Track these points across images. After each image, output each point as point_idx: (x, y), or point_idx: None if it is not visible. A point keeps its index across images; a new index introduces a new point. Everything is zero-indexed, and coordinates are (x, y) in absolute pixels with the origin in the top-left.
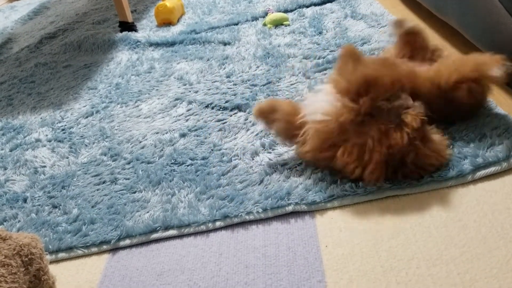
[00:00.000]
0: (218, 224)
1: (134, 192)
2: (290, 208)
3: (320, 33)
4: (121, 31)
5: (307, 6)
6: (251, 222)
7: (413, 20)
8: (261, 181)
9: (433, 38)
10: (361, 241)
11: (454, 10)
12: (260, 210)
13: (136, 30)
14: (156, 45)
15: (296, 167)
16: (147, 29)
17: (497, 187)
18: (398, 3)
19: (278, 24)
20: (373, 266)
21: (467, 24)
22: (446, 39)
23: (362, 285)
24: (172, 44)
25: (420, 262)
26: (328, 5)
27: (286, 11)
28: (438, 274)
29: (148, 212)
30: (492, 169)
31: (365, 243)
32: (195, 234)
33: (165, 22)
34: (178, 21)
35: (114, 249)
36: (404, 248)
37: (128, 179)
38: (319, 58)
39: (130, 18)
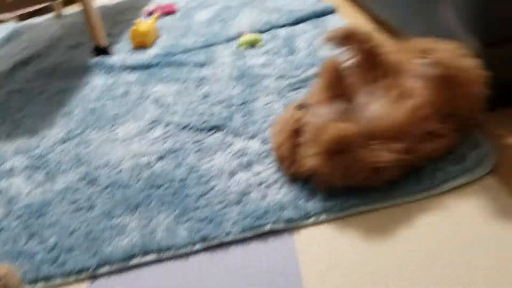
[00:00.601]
0: (197, 246)
1: (112, 218)
2: (268, 227)
3: (294, 53)
4: (96, 55)
5: (280, 27)
6: (230, 243)
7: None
8: (239, 201)
9: None
10: (340, 258)
11: (418, 29)
12: (239, 230)
13: (111, 54)
14: (132, 68)
15: (273, 185)
16: (122, 53)
17: (465, 198)
18: (366, 22)
19: (252, 45)
20: (352, 280)
21: None
22: None
23: None
24: (147, 67)
25: (396, 276)
26: (301, 25)
27: (260, 32)
28: (415, 283)
29: (126, 237)
30: (460, 181)
31: (343, 258)
32: (174, 257)
33: (141, 45)
34: (153, 44)
35: (93, 277)
36: (381, 261)
37: (106, 204)
38: (293, 78)
39: (104, 42)
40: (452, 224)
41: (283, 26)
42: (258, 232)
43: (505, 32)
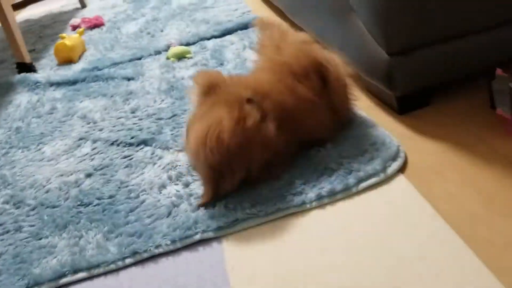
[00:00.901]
0: (128, 261)
1: (40, 239)
2: (197, 237)
3: (222, 64)
4: (19, 73)
5: (208, 39)
6: (160, 255)
7: None
8: (169, 214)
9: None
10: (264, 260)
11: (334, 38)
12: (169, 242)
13: (35, 71)
14: (57, 84)
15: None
16: (47, 69)
17: (378, 196)
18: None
19: (181, 57)
20: (275, 283)
21: (345, 51)
22: None
23: None
24: (74, 82)
25: (315, 273)
26: (228, 37)
27: (188, 44)
28: (331, 281)
29: (55, 257)
30: (372, 181)
31: (267, 262)
32: (105, 274)
33: (66, 61)
34: (79, 58)
35: None
36: (301, 262)
37: (33, 225)
38: None
39: (28, 59)
40: (366, 223)
41: (211, 38)
42: (188, 243)
43: (405, 42)
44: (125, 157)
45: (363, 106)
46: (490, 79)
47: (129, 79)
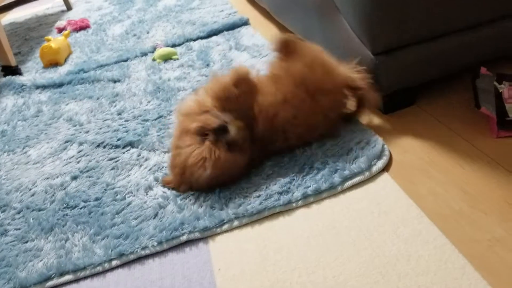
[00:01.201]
0: (114, 263)
1: (26, 242)
2: (184, 238)
3: (208, 65)
4: (4, 76)
5: (194, 40)
6: (147, 256)
7: None
8: (156, 215)
9: None
10: (250, 260)
11: (320, 38)
12: (155, 243)
13: (20, 74)
14: (43, 87)
15: (189, 196)
16: (32, 72)
17: (363, 194)
18: (277, 32)
19: (167, 58)
20: (261, 282)
21: (331, 50)
22: None
23: None
24: (60, 85)
25: (301, 271)
26: (214, 38)
27: (174, 46)
28: (317, 279)
29: (41, 260)
30: (357, 179)
31: (254, 261)
32: (91, 276)
33: (52, 63)
34: (65, 61)
35: None
36: (287, 260)
37: (19, 229)
38: None
39: (13, 61)
40: (351, 221)
41: (197, 39)
42: (174, 244)
43: (390, 42)
44: (111, 159)
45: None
46: (474, 77)
47: (115, 81)
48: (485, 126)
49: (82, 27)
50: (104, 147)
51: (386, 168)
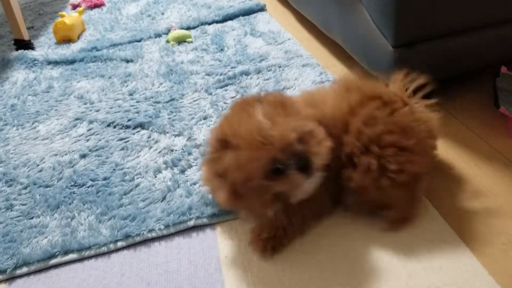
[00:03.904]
0: (119, 244)
1: (31, 218)
2: (191, 223)
3: (222, 50)
4: (16, 49)
5: (209, 24)
6: (153, 239)
7: (304, 36)
8: (164, 198)
9: (323, 53)
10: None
11: (338, 29)
12: (162, 227)
13: (33, 48)
14: (55, 63)
15: (198, 182)
16: (45, 47)
17: None
18: (293, 21)
19: (181, 41)
20: (269, 273)
21: (349, 42)
22: (333, 53)
23: None
24: (72, 62)
25: (310, 258)
26: (229, 22)
27: (188, 28)
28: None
29: (46, 237)
30: None
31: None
32: (96, 256)
33: (65, 39)
34: (78, 38)
35: (11, 279)
36: (296, 253)
37: (25, 204)
38: (220, 75)
39: (26, 36)
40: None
41: (212, 22)
42: (181, 228)
43: (412, 35)
44: (121, 139)
45: None
46: (494, 76)
47: (127, 61)
48: (504, 126)
49: (97, 4)
50: (114, 127)
51: None
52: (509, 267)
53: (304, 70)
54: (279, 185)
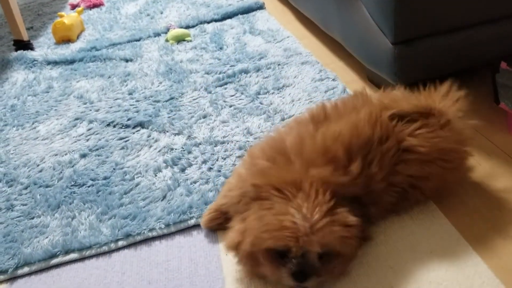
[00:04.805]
0: (120, 243)
1: (32, 218)
2: (192, 222)
3: (221, 48)
4: (16, 50)
5: (208, 22)
6: (154, 238)
7: (303, 34)
8: (164, 197)
9: (322, 50)
10: None
11: (337, 27)
12: (163, 225)
13: (32, 48)
14: (54, 63)
15: (198, 181)
16: (44, 47)
17: None
18: (292, 19)
19: (180, 40)
20: None
21: (348, 39)
22: (332, 50)
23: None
24: (71, 62)
25: None
26: (228, 21)
27: (187, 27)
28: None
29: (47, 237)
30: None
31: None
32: (97, 255)
33: (64, 39)
34: (77, 38)
35: (12, 279)
36: None
37: (25, 204)
38: (220, 73)
39: (25, 36)
40: None
41: (211, 21)
42: (182, 227)
43: (411, 32)
44: (121, 138)
45: None
46: (494, 72)
47: (127, 61)
48: (504, 122)
49: (96, 4)
50: (114, 126)
51: None
52: (509, 261)
53: (304, 67)
54: (267, 268)
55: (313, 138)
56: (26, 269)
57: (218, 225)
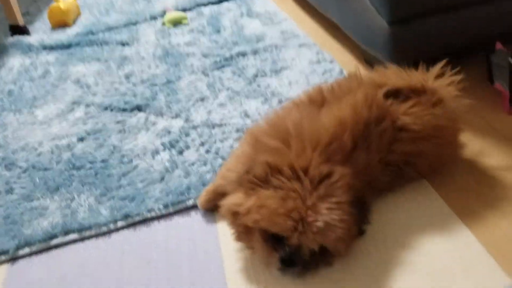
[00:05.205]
0: (119, 224)
1: (32, 201)
2: (190, 202)
3: (218, 31)
4: (12, 35)
5: (205, 5)
6: (153, 219)
7: (300, 16)
8: (162, 179)
9: (319, 32)
10: None
11: (334, 9)
12: (161, 206)
13: (28, 34)
14: (51, 48)
15: (196, 163)
16: (40, 32)
17: None
18: (289, 1)
19: (177, 23)
20: None
21: (345, 21)
22: (329, 32)
23: (256, 267)
24: (67, 46)
25: None
26: (225, 3)
27: (184, 10)
28: None
29: (47, 219)
30: None
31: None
32: (96, 236)
33: (60, 24)
34: (73, 22)
35: (14, 259)
36: None
37: (25, 187)
38: (217, 56)
39: (21, 21)
40: None
41: (208, 4)
42: (180, 208)
43: (407, 12)
44: (118, 122)
45: None
46: (489, 52)
47: (123, 44)
48: (498, 102)
49: None
50: (112, 110)
51: None
52: (499, 236)
53: (301, 50)
54: (258, 244)
55: (319, 122)
56: (27, 250)
57: (215, 206)
